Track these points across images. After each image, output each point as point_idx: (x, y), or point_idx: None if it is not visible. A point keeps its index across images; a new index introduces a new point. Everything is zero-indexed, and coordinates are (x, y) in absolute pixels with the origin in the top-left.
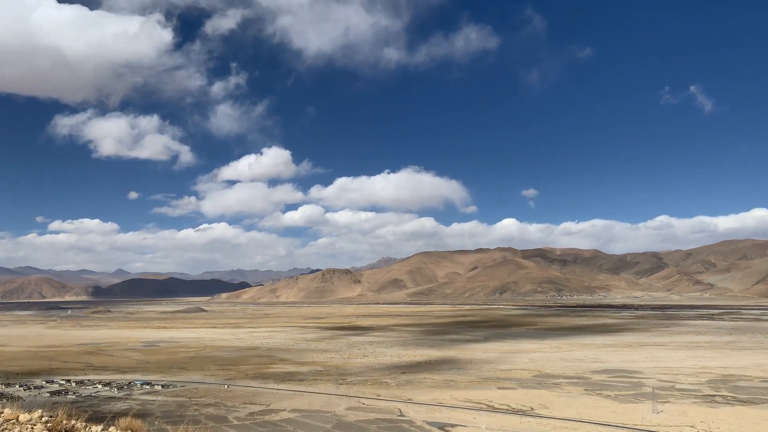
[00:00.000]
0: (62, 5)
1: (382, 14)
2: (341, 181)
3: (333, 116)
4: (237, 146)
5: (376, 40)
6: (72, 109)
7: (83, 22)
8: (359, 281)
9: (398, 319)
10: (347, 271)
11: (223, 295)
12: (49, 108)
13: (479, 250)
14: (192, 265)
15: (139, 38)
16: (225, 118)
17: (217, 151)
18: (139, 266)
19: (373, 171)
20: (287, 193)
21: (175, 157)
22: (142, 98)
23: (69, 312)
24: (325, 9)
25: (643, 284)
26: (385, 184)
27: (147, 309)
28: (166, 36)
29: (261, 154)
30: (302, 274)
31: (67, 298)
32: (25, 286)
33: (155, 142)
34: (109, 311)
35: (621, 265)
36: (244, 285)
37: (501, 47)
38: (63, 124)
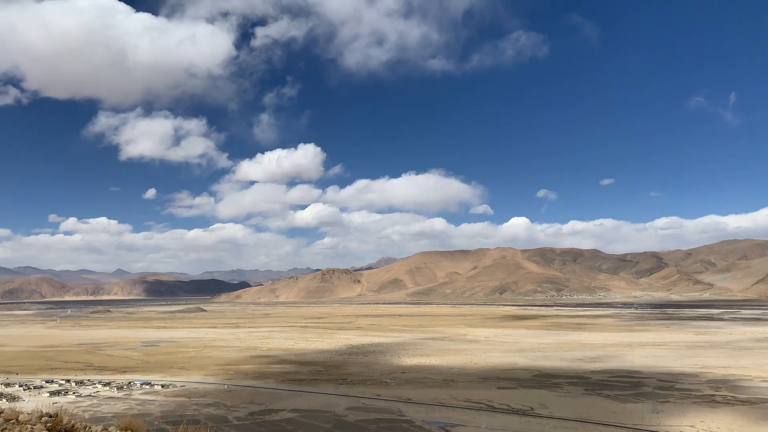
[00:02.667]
0: (138, 13)
1: (434, 26)
2: (361, 183)
3: (373, 123)
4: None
5: (426, 51)
6: (118, 110)
7: (153, 29)
8: (359, 281)
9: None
10: (347, 271)
11: (223, 295)
12: (93, 109)
13: (479, 250)
14: (193, 265)
15: (202, 45)
16: (269, 127)
17: (253, 155)
18: (140, 266)
19: (397, 173)
20: (305, 193)
21: (209, 161)
22: (192, 102)
23: (69, 312)
24: (381, 23)
25: (642, 284)
26: (406, 187)
27: (146, 309)
28: (229, 44)
29: (296, 149)
30: (302, 273)
31: (67, 297)
32: (25, 286)
33: (192, 145)
34: (108, 311)
35: (621, 264)
36: (243, 285)
37: (550, 55)
38: (103, 124)
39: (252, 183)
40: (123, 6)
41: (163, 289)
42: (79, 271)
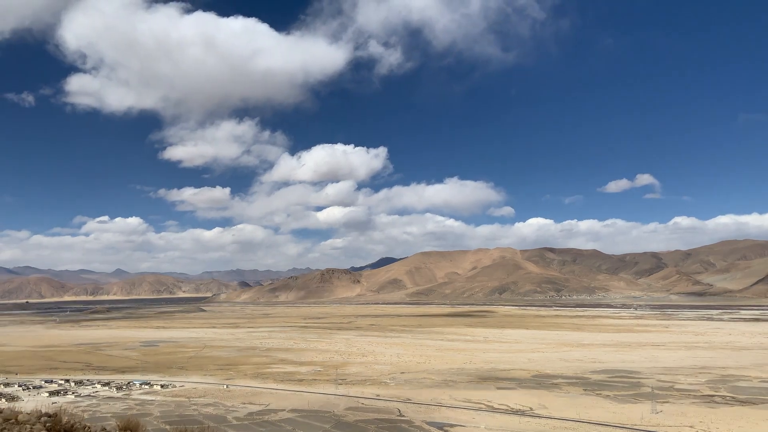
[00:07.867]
0: (265, 26)
1: (516, 52)
2: (396, 188)
3: (439, 138)
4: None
5: (507, 75)
6: (202, 117)
7: (275, 45)
8: (359, 281)
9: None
10: (347, 271)
11: (223, 295)
12: (173, 117)
13: (479, 250)
14: (193, 265)
15: (315, 61)
16: (340, 134)
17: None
18: (140, 266)
19: (441, 178)
20: (336, 194)
21: (265, 163)
22: (277, 113)
23: (68, 312)
24: (477, 49)
25: (642, 284)
26: (448, 191)
27: (146, 309)
28: (338, 63)
29: (367, 151)
30: (302, 273)
31: (66, 298)
32: (24, 285)
33: (263, 151)
34: (108, 311)
35: (620, 265)
36: (243, 285)
37: (616, 67)
38: (174, 130)
39: (287, 184)
40: (263, 27)
41: (162, 289)
42: (78, 271)
